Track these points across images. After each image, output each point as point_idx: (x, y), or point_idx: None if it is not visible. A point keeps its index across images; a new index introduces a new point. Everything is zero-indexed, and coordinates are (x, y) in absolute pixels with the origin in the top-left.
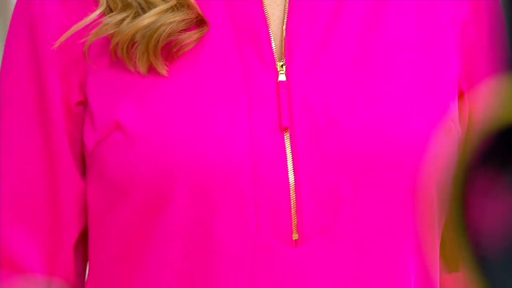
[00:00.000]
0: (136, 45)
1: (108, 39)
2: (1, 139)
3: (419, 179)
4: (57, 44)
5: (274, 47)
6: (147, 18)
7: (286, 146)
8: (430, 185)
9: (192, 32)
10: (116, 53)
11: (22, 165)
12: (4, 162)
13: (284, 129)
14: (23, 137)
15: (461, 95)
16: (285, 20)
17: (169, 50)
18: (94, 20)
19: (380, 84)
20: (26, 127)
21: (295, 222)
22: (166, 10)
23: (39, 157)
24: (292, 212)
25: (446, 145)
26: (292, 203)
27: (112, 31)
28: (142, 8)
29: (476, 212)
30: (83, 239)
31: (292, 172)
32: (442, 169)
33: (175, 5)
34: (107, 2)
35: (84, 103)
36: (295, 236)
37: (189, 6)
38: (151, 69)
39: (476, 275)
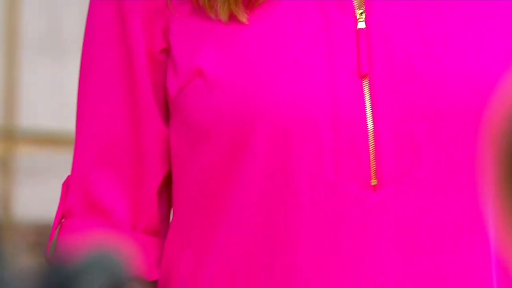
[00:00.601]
0: None
1: None
2: (86, 87)
3: (496, 124)
4: None
5: None
6: None
7: (365, 93)
8: (508, 131)
9: None
10: (198, 1)
11: (107, 112)
12: (90, 109)
13: (363, 76)
14: (108, 85)
15: None
16: None
17: None
18: None
19: (458, 30)
20: (111, 75)
21: (374, 168)
22: None
23: (124, 104)
24: (371, 158)
25: None
26: (370, 149)
27: None
28: None
29: None
30: (167, 184)
31: (371, 119)
32: None
33: None
34: None
35: (167, 51)
36: (373, 181)
37: None
38: (232, 17)
39: None
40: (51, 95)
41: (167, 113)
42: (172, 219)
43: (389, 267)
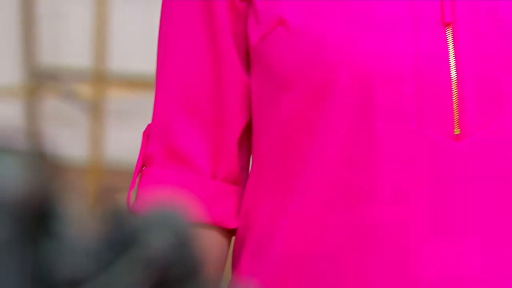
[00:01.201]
0: None
1: None
2: (167, 34)
3: None
4: None
5: None
6: None
7: (448, 42)
8: None
9: None
10: None
11: (187, 60)
12: (170, 56)
13: (446, 25)
14: (188, 32)
15: None
16: None
17: None
18: None
19: None
20: (191, 23)
21: (457, 117)
22: None
23: (205, 52)
24: (454, 107)
25: None
26: (454, 98)
27: None
28: None
29: None
30: (247, 133)
31: (454, 67)
32: None
33: None
34: None
35: None
36: (456, 131)
37: None
38: None
39: None
40: (142, 38)
41: (248, 62)
42: (252, 168)
43: (473, 216)
